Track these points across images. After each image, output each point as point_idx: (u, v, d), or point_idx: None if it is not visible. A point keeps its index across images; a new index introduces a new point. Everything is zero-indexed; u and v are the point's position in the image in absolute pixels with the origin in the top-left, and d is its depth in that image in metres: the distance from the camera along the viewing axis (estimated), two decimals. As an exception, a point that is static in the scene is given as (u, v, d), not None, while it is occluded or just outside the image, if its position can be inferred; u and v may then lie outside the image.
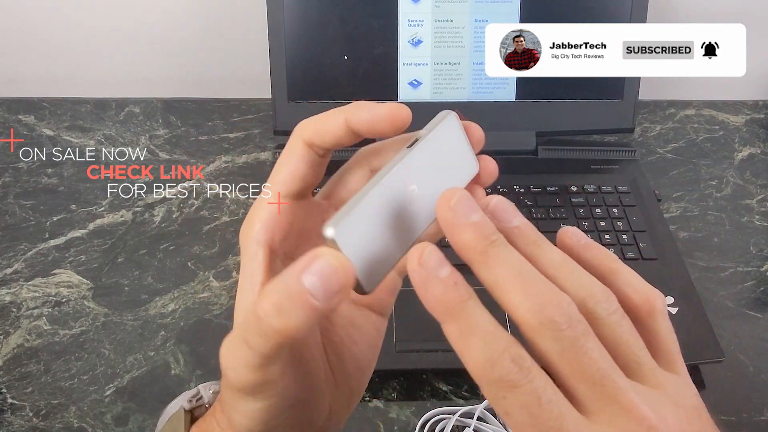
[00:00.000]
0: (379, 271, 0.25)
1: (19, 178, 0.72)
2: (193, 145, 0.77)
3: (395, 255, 0.25)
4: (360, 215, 0.24)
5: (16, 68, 0.84)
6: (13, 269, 0.62)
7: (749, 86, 0.86)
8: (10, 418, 0.50)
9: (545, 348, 0.22)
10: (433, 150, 0.26)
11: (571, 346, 0.22)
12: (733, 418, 0.51)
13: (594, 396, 0.22)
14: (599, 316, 0.23)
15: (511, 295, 0.22)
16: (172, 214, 0.68)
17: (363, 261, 0.24)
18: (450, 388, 0.53)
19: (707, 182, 0.73)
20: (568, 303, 0.22)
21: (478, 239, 0.23)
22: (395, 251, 0.25)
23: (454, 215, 0.23)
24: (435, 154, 0.26)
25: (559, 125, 0.72)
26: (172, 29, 0.82)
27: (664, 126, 0.82)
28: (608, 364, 0.22)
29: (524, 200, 0.66)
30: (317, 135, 0.27)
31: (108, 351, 0.55)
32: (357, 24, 0.68)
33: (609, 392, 0.22)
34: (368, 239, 0.24)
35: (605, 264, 0.26)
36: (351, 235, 0.24)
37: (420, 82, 0.70)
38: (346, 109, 0.26)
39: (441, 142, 0.26)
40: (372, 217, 0.24)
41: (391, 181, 0.25)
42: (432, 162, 0.26)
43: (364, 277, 0.24)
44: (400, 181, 0.25)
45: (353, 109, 0.26)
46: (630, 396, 0.22)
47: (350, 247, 0.23)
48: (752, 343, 0.56)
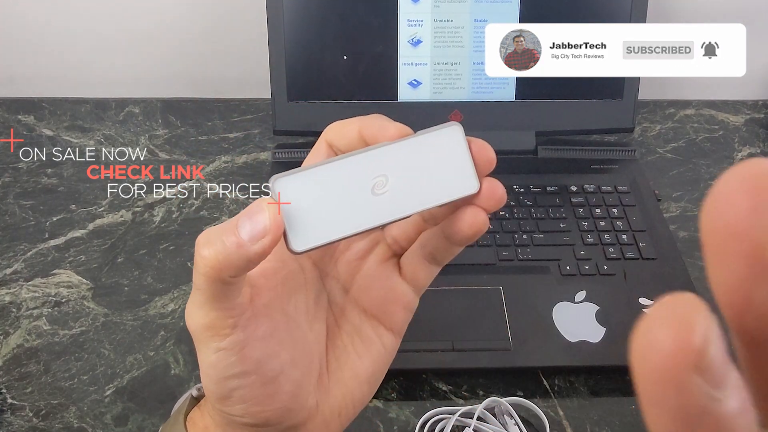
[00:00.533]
0: (315, 237, 0.25)
1: (18, 178, 0.72)
2: (192, 145, 0.77)
3: (341, 230, 0.25)
4: (308, 176, 0.25)
5: (16, 68, 0.84)
6: (13, 269, 0.62)
7: (749, 86, 0.86)
8: (9, 419, 0.50)
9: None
10: (421, 151, 0.26)
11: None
12: (733, 418, 0.51)
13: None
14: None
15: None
16: (172, 214, 0.68)
17: (298, 219, 0.25)
18: (450, 388, 0.53)
19: (707, 182, 0.73)
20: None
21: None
22: (342, 228, 0.25)
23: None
24: (422, 155, 0.26)
25: (559, 125, 0.72)
26: (172, 29, 0.82)
27: (663, 126, 0.82)
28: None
29: (524, 200, 0.66)
30: (336, 137, 0.28)
31: (108, 351, 0.55)
32: (357, 24, 0.68)
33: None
34: (311, 202, 0.25)
35: None
36: (292, 190, 0.25)
37: (420, 82, 0.70)
38: (363, 118, 0.27)
39: (433, 147, 0.26)
40: (322, 184, 0.25)
41: (359, 160, 0.25)
42: (416, 162, 0.26)
43: (295, 236, 0.25)
44: (370, 165, 0.25)
45: (368, 120, 0.27)
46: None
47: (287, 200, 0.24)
48: (752, 342, 0.56)
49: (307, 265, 0.30)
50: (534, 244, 0.62)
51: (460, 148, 0.26)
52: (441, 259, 0.30)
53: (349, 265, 0.31)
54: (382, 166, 0.26)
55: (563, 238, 0.62)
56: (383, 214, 0.26)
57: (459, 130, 0.26)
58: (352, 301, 0.31)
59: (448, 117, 0.71)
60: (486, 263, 0.60)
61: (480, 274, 0.59)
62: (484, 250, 0.61)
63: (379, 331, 0.31)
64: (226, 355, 0.26)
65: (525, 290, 0.57)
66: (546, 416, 0.50)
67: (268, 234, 0.24)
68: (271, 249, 0.24)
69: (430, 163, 0.26)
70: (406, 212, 0.26)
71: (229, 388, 0.27)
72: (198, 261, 0.25)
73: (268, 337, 0.28)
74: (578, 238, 0.62)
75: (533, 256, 0.61)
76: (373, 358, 0.31)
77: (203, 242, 0.25)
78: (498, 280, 0.58)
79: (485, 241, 0.62)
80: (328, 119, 0.77)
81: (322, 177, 0.25)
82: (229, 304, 0.26)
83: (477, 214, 0.26)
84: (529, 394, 0.52)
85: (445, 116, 0.70)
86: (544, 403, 0.51)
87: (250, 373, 0.27)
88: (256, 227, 0.24)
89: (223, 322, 0.26)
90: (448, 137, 0.26)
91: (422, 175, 0.26)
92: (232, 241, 0.24)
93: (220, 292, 0.25)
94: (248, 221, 0.24)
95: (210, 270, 0.24)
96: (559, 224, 0.63)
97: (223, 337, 0.26)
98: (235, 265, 0.24)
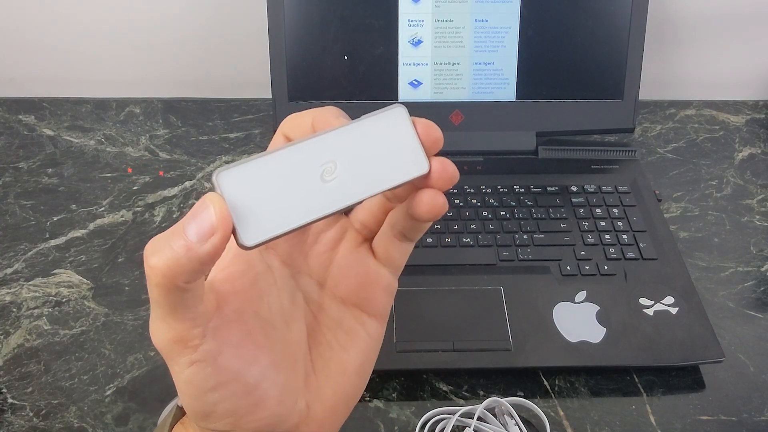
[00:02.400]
0: (265, 229, 0.24)
1: (19, 178, 0.72)
2: (193, 145, 0.77)
3: (292, 221, 0.25)
4: (252, 167, 0.24)
5: (16, 68, 0.84)
6: (14, 269, 0.62)
7: (749, 86, 0.86)
8: (10, 418, 0.50)
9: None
10: (368, 135, 0.25)
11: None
12: (734, 418, 0.51)
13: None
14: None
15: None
16: (173, 213, 0.68)
17: (246, 212, 0.24)
18: (450, 388, 0.53)
19: (707, 182, 0.73)
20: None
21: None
22: (293, 218, 0.25)
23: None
24: (369, 139, 0.25)
25: (560, 125, 0.72)
26: (172, 29, 0.82)
27: (664, 126, 0.82)
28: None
29: (524, 200, 0.66)
30: (291, 129, 0.27)
31: (108, 351, 0.55)
32: (357, 24, 0.68)
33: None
34: (257, 194, 0.24)
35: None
36: (236, 184, 0.24)
37: (420, 82, 0.70)
38: (317, 110, 0.26)
39: (379, 130, 0.26)
40: (268, 175, 0.24)
41: (304, 147, 0.25)
42: (363, 146, 0.25)
43: (244, 230, 0.24)
44: (316, 151, 0.25)
45: (321, 111, 0.26)
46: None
47: (232, 195, 0.23)
48: (752, 343, 0.56)
49: (276, 265, 0.29)
50: (534, 245, 0.62)
51: (406, 130, 0.26)
52: (412, 237, 0.29)
53: (320, 258, 0.30)
54: (330, 152, 0.25)
55: (564, 239, 0.62)
56: (334, 201, 0.25)
57: (403, 112, 0.26)
58: (329, 294, 0.30)
59: (449, 117, 0.71)
60: (486, 263, 0.60)
61: (480, 275, 0.59)
62: (485, 251, 0.61)
63: (362, 319, 0.30)
64: (201, 368, 0.25)
65: (525, 290, 0.57)
66: (546, 416, 0.50)
67: (216, 231, 0.23)
68: (221, 247, 0.23)
69: (377, 146, 0.25)
70: (357, 198, 0.25)
71: (210, 402, 0.26)
72: (148, 272, 0.23)
73: (243, 343, 0.27)
74: (579, 239, 0.62)
75: (534, 256, 0.61)
76: (360, 349, 0.30)
77: (150, 251, 0.23)
78: (498, 281, 0.58)
79: (486, 242, 0.62)
80: (329, 119, 0.74)
81: (269, 167, 0.24)
82: (191, 314, 0.25)
83: (434, 197, 0.26)
84: (529, 395, 0.52)
85: (446, 116, 0.71)
86: (544, 404, 0.51)
87: (229, 382, 0.26)
88: (202, 226, 0.23)
89: (190, 332, 0.25)
90: (394, 119, 0.26)
91: (371, 158, 0.25)
92: (180, 245, 0.23)
93: (179, 301, 0.24)
94: (194, 221, 0.23)
95: (162, 279, 0.23)
96: (560, 224, 0.63)
97: (193, 348, 0.25)
98: (187, 270, 0.23)
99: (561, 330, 0.54)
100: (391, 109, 0.26)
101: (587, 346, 0.53)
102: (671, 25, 0.83)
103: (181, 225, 0.23)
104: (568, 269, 0.59)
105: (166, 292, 0.23)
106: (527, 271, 0.59)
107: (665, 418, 0.51)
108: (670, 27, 0.83)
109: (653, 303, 0.56)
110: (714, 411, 0.51)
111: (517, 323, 0.55)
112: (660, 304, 0.56)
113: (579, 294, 0.57)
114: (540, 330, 0.54)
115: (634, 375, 0.54)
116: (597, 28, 0.70)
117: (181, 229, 0.23)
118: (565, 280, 0.58)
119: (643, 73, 0.71)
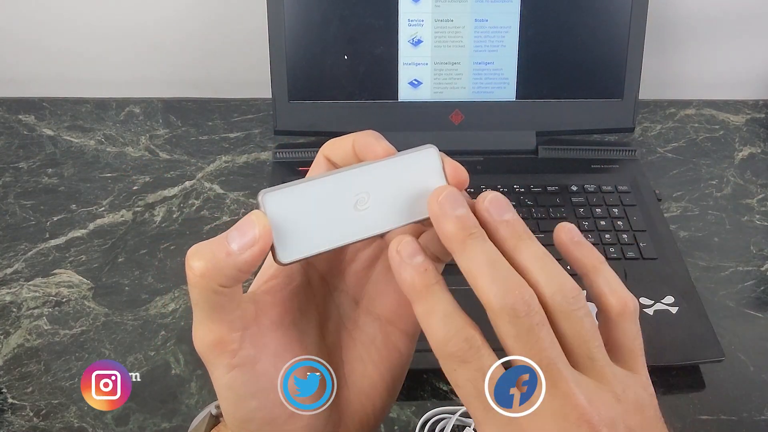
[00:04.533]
0: (300, 249, 0.27)
1: (19, 178, 0.72)
2: (193, 145, 0.77)
3: (325, 244, 0.27)
4: (294, 192, 0.26)
5: (16, 68, 0.84)
6: (14, 269, 0.62)
7: (749, 86, 0.86)
8: (10, 418, 0.50)
9: (504, 331, 0.25)
10: (400, 171, 0.28)
11: (526, 332, 0.25)
12: (734, 418, 0.51)
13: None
14: (564, 309, 0.26)
15: (480, 281, 0.25)
16: (173, 213, 0.68)
17: (285, 232, 0.26)
18: (450, 388, 0.53)
19: (707, 182, 0.73)
20: (530, 294, 0.25)
21: (458, 230, 0.26)
22: (326, 241, 0.27)
23: (440, 209, 0.26)
24: (401, 175, 0.28)
25: (560, 125, 0.72)
26: (172, 29, 0.82)
27: (664, 125, 0.82)
28: (556, 354, 0.25)
29: (524, 200, 0.66)
30: (332, 152, 0.29)
31: (108, 351, 0.55)
32: (357, 24, 0.68)
33: (551, 377, 0.24)
34: (297, 216, 0.26)
35: (591, 262, 0.29)
36: (279, 205, 0.26)
37: (420, 82, 0.70)
38: (357, 134, 0.29)
39: (411, 168, 0.28)
40: (308, 199, 0.27)
41: (342, 178, 0.27)
42: (395, 181, 0.28)
43: (282, 248, 0.26)
44: (352, 182, 0.27)
45: (360, 136, 0.28)
46: (570, 384, 0.24)
47: (275, 214, 0.26)
48: (753, 342, 0.56)
49: (315, 280, 0.31)
50: (534, 244, 0.61)
51: (435, 169, 0.28)
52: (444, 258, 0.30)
53: (357, 276, 0.32)
54: (365, 184, 0.27)
55: (564, 238, 0.62)
56: (364, 229, 0.28)
57: (435, 152, 0.28)
58: (364, 310, 0.31)
59: (449, 117, 0.71)
60: (486, 263, 0.60)
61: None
62: (485, 250, 0.61)
63: (395, 336, 0.31)
64: (240, 373, 0.27)
65: (525, 290, 0.57)
66: (546, 416, 0.50)
67: (256, 244, 0.25)
68: (259, 258, 0.25)
69: (408, 181, 0.28)
70: (385, 228, 0.28)
71: (249, 409, 0.27)
72: (188, 274, 0.25)
73: (281, 352, 0.28)
74: (579, 238, 0.62)
75: (534, 255, 0.60)
76: (391, 365, 0.31)
77: (192, 254, 0.25)
78: (498, 280, 0.58)
79: (486, 241, 0.61)
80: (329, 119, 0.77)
81: (309, 193, 0.27)
82: (228, 317, 0.26)
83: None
84: (529, 394, 0.52)
85: (446, 116, 0.70)
86: (544, 403, 0.51)
87: (268, 390, 0.27)
88: (245, 237, 0.25)
89: (228, 335, 0.26)
90: (425, 158, 0.28)
91: (401, 192, 0.28)
92: (222, 250, 0.25)
93: (216, 303, 0.26)
94: (237, 233, 0.25)
95: (200, 279, 0.25)
96: (560, 224, 0.63)
97: (232, 353, 0.26)
98: (225, 274, 0.25)
99: (561, 330, 0.54)
100: (423, 149, 0.28)
101: (587, 345, 0.53)
102: (671, 25, 0.83)
103: (224, 235, 0.25)
104: (568, 269, 0.59)
105: (204, 293, 0.25)
106: (527, 271, 0.59)
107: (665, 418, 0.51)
108: (670, 27, 0.83)
109: (653, 302, 0.56)
110: (714, 410, 0.51)
111: (517, 323, 0.54)
112: (660, 304, 0.56)
113: (579, 294, 0.57)
114: (540, 330, 0.54)
115: (634, 374, 0.53)
116: (597, 27, 0.70)
117: (224, 238, 0.25)
118: (565, 280, 0.58)
119: (643, 73, 0.71)
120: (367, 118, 0.70)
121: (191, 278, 0.25)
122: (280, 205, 0.26)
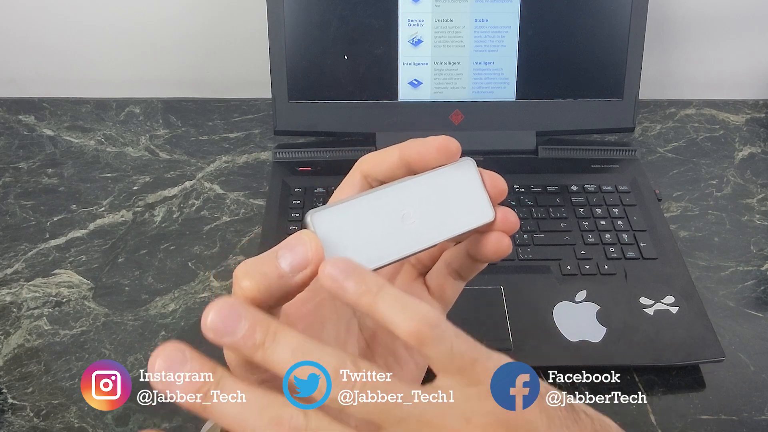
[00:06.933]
0: None
1: (19, 178, 0.72)
2: (193, 145, 0.77)
3: (376, 260, 0.27)
4: (340, 211, 0.27)
5: (16, 68, 0.84)
6: (14, 269, 0.62)
7: (749, 86, 0.86)
8: (10, 418, 0.50)
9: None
10: (440, 186, 0.28)
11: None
12: (734, 418, 0.51)
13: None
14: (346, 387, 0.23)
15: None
16: (173, 214, 0.68)
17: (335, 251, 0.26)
18: (450, 387, 0.53)
19: (708, 182, 0.73)
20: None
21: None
22: (377, 257, 0.27)
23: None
24: (441, 190, 0.28)
25: (560, 125, 0.72)
26: (172, 29, 0.82)
27: (664, 125, 0.82)
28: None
29: (524, 200, 0.66)
30: (374, 167, 0.29)
31: (108, 351, 0.55)
32: (357, 24, 0.68)
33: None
34: (342, 235, 0.26)
35: (365, 306, 0.25)
36: (326, 225, 0.26)
37: (420, 82, 0.70)
38: (401, 145, 0.29)
39: (450, 182, 0.28)
40: (352, 218, 0.27)
41: (386, 194, 0.27)
42: (435, 196, 0.28)
43: None
44: (397, 199, 0.27)
45: (407, 144, 0.28)
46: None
47: (323, 233, 0.26)
48: (753, 342, 0.56)
49: None
50: (535, 244, 0.62)
51: (474, 181, 0.29)
52: (466, 275, 0.31)
53: None
54: (409, 200, 0.28)
55: (564, 238, 0.62)
56: (412, 244, 0.28)
57: (472, 165, 0.29)
58: None
59: (449, 116, 0.71)
60: (486, 263, 0.60)
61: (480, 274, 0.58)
62: (485, 250, 0.61)
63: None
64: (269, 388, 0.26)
65: (526, 290, 0.57)
66: (547, 416, 0.50)
67: (309, 265, 0.24)
68: (311, 280, 0.25)
69: (450, 195, 0.28)
70: (432, 241, 0.28)
71: None
72: (237, 293, 0.25)
73: None
74: (579, 238, 0.62)
75: (534, 255, 0.61)
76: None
77: (242, 273, 0.25)
78: (499, 280, 0.58)
79: (486, 241, 0.62)
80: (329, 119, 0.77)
81: (355, 210, 0.27)
82: None
83: (501, 239, 0.29)
84: (529, 394, 0.52)
85: (446, 116, 0.70)
86: (544, 403, 0.51)
87: None
88: (297, 259, 0.24)
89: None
90: (463, 171, 0.29)
91: (444, 206, 0.28)
92: (273, 272, 0.24)
93: None
94: (289, 253, 0.24)
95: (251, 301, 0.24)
96: (560, 224, 0.63)
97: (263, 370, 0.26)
98: (276, 296, 0.25)
99: (561, 329, 0.54)
100: (462, 162, 0.29)
101: (587, 345, 0.53)
102: (671, 25, 0.83)
103: (273, 254, 0.25)
104: (569, 269, 0.59)
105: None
106: (527, 271, 0.59)
107: (665, 418, 0.51)
108: (670, 27, 0.83)
109: (653, 302, 0.56)
110: (714, 410, 0.51)
111: (518, 323, 0.55)
112: (660, 304, 0.56)
113: (579, 293, 0.57)
114: (540, 329, 0.54)
115: (635, 374, 0.53)
116: (597, 27, 0.70)
117: (274, 258, 0.25)
118: (566, 280, 0.58)
119: (643, 73, 0.71)
120: (367, 118, 0.70)
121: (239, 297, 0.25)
122: (328, 223, 0.26)
